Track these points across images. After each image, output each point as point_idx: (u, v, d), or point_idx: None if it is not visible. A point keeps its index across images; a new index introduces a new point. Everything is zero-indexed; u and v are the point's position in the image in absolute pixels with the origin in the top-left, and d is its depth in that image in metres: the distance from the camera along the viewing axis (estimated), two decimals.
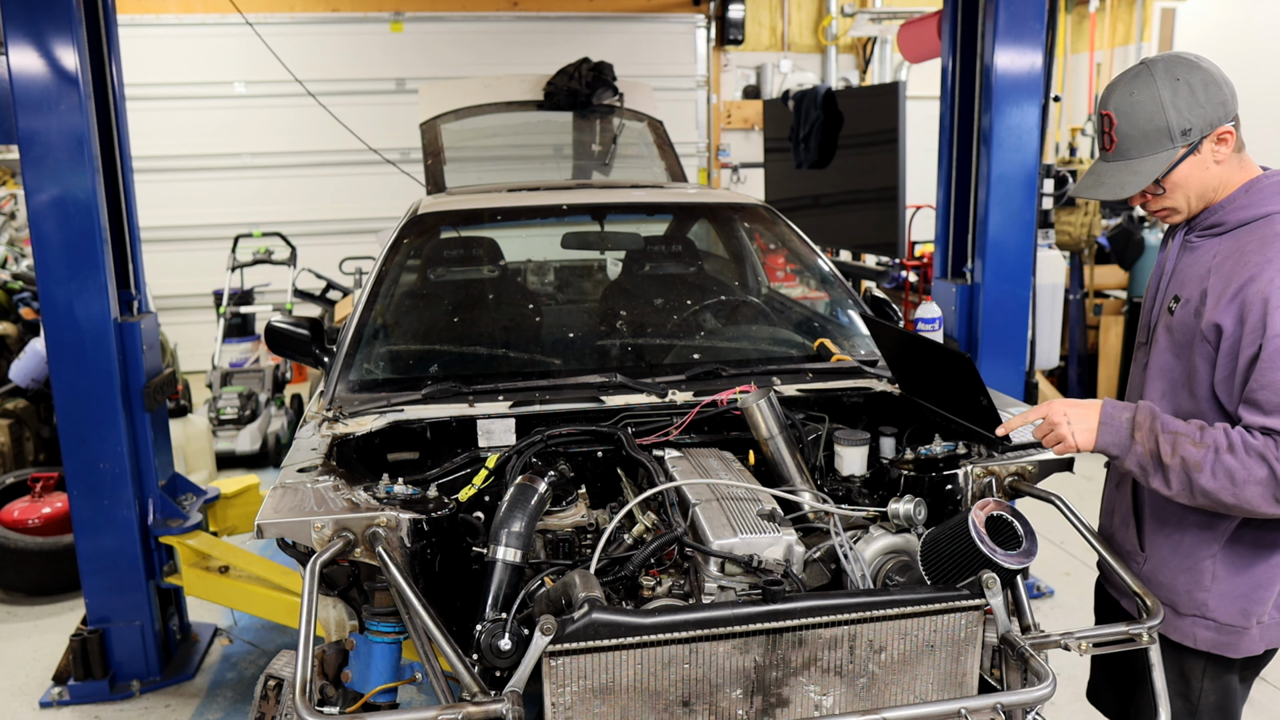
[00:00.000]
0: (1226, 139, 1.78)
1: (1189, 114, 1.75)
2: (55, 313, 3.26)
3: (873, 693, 1.74)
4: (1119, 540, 2.03)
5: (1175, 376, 1.85)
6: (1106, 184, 1.84)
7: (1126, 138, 1.81)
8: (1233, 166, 1.82)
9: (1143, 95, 1.78)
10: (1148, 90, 1.77)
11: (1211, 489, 1.68)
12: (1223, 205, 1.82)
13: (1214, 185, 1.82)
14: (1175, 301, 1.85)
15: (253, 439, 5.98)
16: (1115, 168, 1.84)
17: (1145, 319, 2.00)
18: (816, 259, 3.44)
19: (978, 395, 2.08)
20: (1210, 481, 1.68)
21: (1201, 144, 1.78)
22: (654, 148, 4.82)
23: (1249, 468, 1.65)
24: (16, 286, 5.69)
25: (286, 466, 2.11)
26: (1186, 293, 1.83)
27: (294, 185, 8.76)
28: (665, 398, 2.47)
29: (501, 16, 9.00)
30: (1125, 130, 1.80)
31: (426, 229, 3.52)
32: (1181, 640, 1.90)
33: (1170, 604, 1.90)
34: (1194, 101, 1.75)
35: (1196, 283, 1.81)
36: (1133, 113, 1.79)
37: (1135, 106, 1.79)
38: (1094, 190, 1.87)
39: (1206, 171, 1.80)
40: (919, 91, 7.33)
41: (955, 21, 4.14)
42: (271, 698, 2.19)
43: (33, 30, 3.11)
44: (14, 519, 4.28)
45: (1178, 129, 1.76)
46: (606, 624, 1.59)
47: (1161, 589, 1.91)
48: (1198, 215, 1.86)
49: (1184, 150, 1.78)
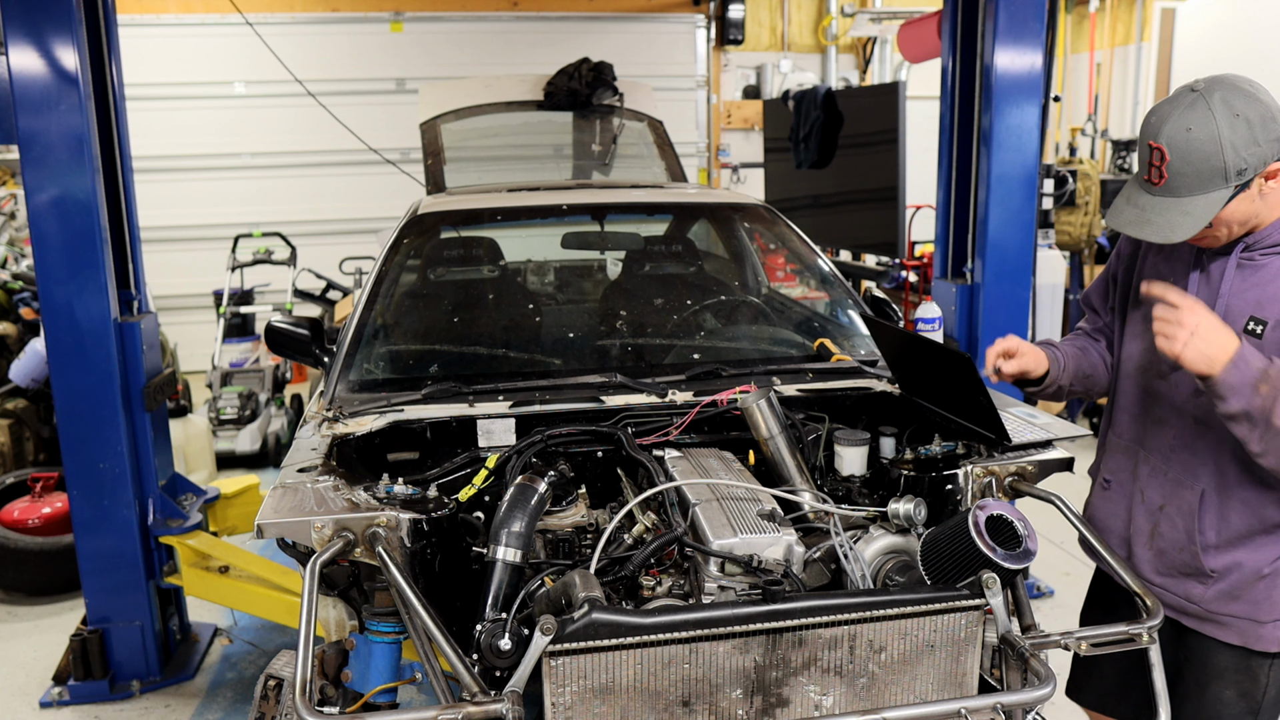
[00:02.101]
0: (1277, 174, 1.70)
1: (1245, 154, 1.66)
2: (55, 313, 3.26)
3: (873, 693, 1.74)
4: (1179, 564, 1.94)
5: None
6: (1155, 224, 1.73)
7: (1179, 175, 1.70)
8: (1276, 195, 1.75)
9: (1201, 132, 1.66)
10: (1206, 127, 1.66)
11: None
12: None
13: (1258, 213, 1.76)
14: (1257, 324, 1.75)
15: (253, 439, 5.98)
16: (1164, 205, 1.73)
17: None
18: (816, 259, 3.44)
19: (978, 395, 2.08)
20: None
21: (1252, 181, 1.69)
22: (654, 148, 4.82)
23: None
24: (16, 286, 5.69)
25: (286, 466, 2.10)
26: (1274, 313, 1.74)
27: (294, 185, 8.76)
28: (665, 398, 2.47)
29: (501, 16, 9.00)
30: (1178, 168, 1.69)
31: (426, 229, 3.52)
32: (1266, 648, 1.86)
33: (1249, 617, 1.86)
34: (1251, 140, 1.65)
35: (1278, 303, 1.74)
36: (1188, 150, 1.67)
37: (1191, 144, 1.67)
38: (1141, 229, 1.75)
39: (1253, 205, 1.73)
40: (919, 91, 7.33)
41: (955, 21, 4.14)
42: (271, 698, 2.19)
43: (33, 30, 3.11)
44: (14, 519, 4.28)
45: (1234, 169, 1.66)
46: (606, 624, 1.59)
47: (1238, 604, 1.86)
48: (1258, 233, 1.79)
49: (1235, 189, 1.69)
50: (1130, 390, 2.03)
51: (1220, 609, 1.88)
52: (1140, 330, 2.00)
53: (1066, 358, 2.13)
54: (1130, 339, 2.04)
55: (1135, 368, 2.02)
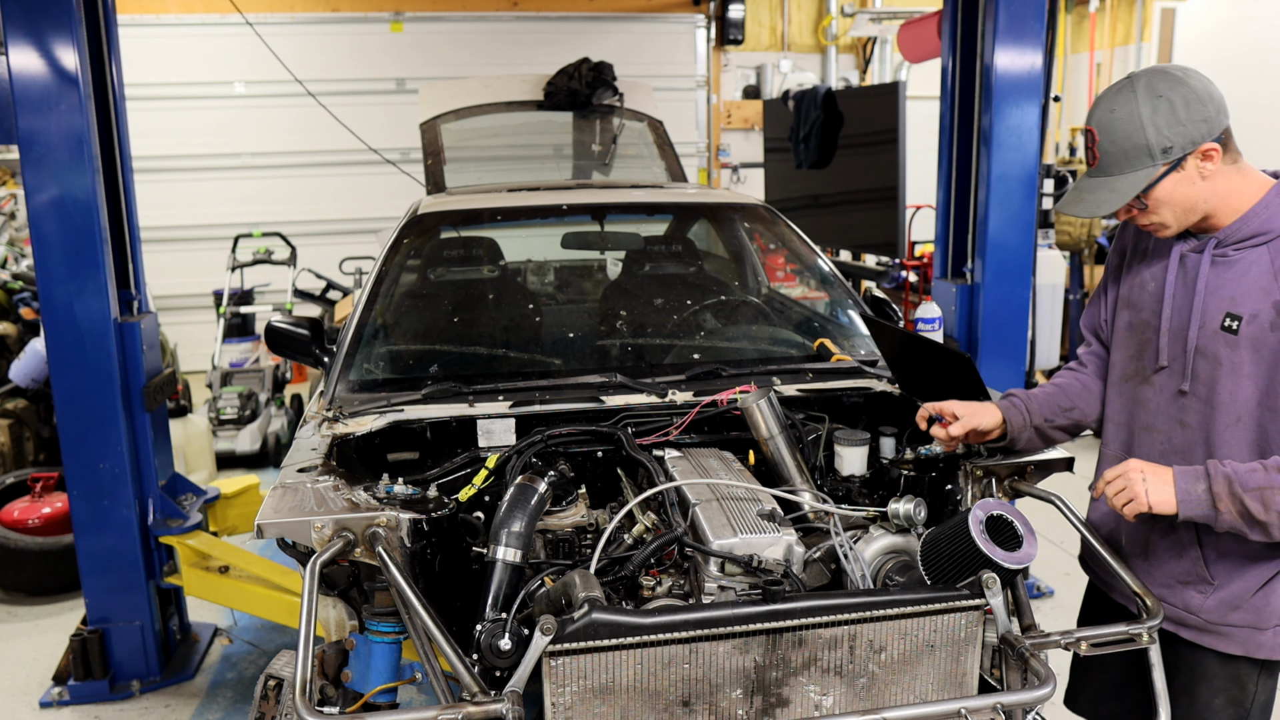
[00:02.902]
0: (1212, 155, 1.74)
1: (1169, 132, 1.72)
2: (55, 313, 3.26)
3: (873, 693, 1.74)
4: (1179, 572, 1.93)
5: (1248, 395, 1.77)
6: (1086, 201, 1.82)
7: (1108, 154, 1.78)
8: (1229, 178, 1.78)
9: (1123, 112, 1.75)
10: (1128, 107, 1.75)
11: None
12: (1257, 213, 1.77)
13: (1205, 198, 1.78)
14: (1233, 319, 1.77)
15: (253, 439, 5.98)
16: (1096, 183, 1.82)
17: (1166, 342, 1.87)
18: (816, 259, 3.44)
19: (978, 395, 2.08)
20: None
21: (1185, 161, 1.74)
22: (654, 148, 4.82)
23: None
24: (16, 286, 5.69)
25: (286, 466, 2.11)
26: (1249, 308, 1.75)
27: (294, 185, 8.76)
28: (665, 398, 2.47)
29: (501, 16, 9.00)
30: (1106, 147, 1.78)
31: (426, 229, 3.52)
32: (1270, 656, 1.85)
33: (1251, 625, 1.84)
34: (1174, 119, 1.72)
35: (1262, 295, 1.74)
36: (1113, 129, 1.77)
37: (1116, 123, 1.76)
38: (1074, 206, 1.84)
39: (1193, 187, 1.76)
40: (919, 91, 7.33)
41: (955, 21, 4.14)
42: (271, 698, 2.20)
43: (33, 30, 3.11)
44: (14, 519, 4.28)
45: (1157, 147, 1.73)
46: (606, 624, 1.59)
47: (1239, 612, 1.85)
48: (1225, 228, 1.80)
49: (1165, 168, 1.74)
50: (1116, 400, 2.03)
51: (1220, 619, 1.86)
52: (1124, 339, 1.99)
53: (1030, 400, 2.10)
54: (1115, 348, 2.03)
55: (1120, 376, 2.01)
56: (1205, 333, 1.82)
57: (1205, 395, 1.81)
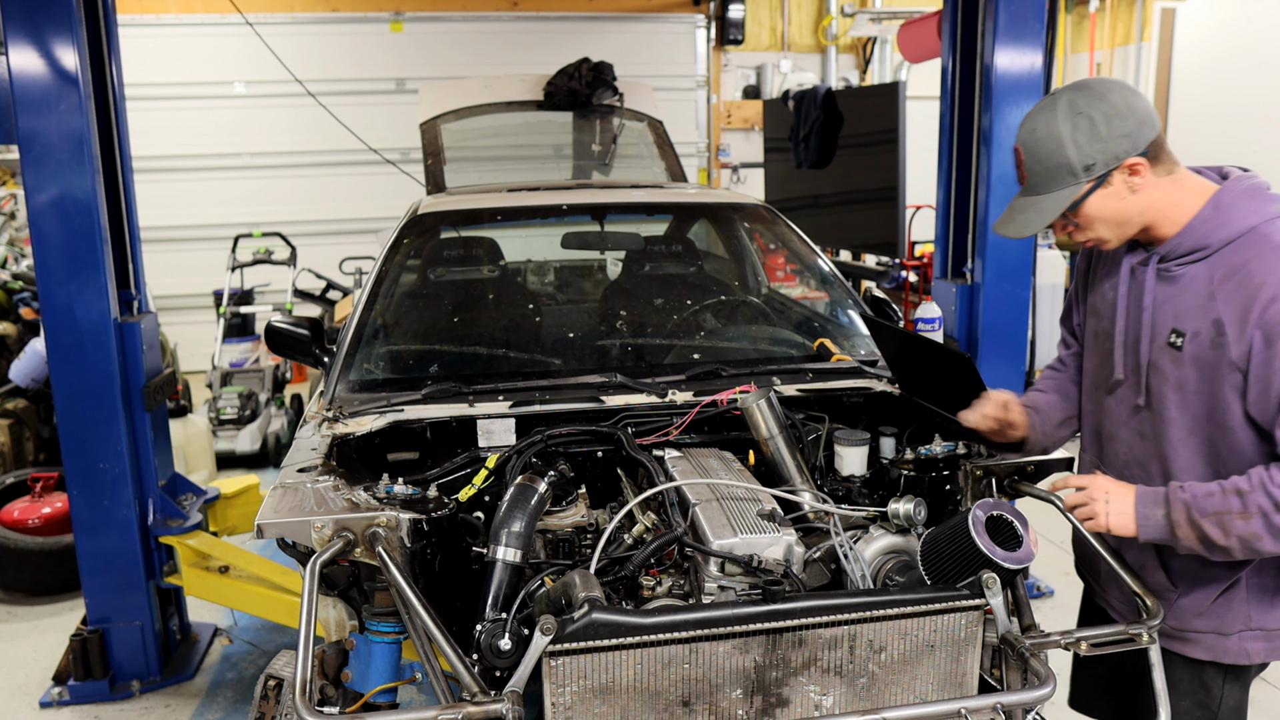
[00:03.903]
0: (1139, 169, 1.72)
1: (1090, 149, 1.70)
2: (55, 313, 3.26)
3: (873, 693, 1.74)
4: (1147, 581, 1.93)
5: (1198, 411, 1.76)
6: (1016, 220, 1.81)
7: (1034, 173, 1.77)
8: (1163, 189, 1.75)
9: (1044, 131, 1.74)
10: (1049, 126, 1.73)
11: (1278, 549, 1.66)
12: (1194, 228, 1.73)
13: (1139, 211, 1.76)
14: (1178, 335, 1.75)
15: (253, 439, 5.98)
16: (1026, 202, 1.80)
17: (1121, 355, 1.86)
18: (816, 259, 3.44)
19: (978, 395, 2.08)
20: (1275, 545, 1.65)
21: (1110, 176, 1.72)
22: (654, 148, 4.82)
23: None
24: (16, 286, 5.69)
25: (286, 466, 2.11)
26: (1191, 325, 1.73)
27: (294, 185, 8.76)
28: (665, 398, 2.47)
29: (501, 16, 9.00)
30: (1031, 166, 1.77)
31: (426, 229, 3.52)
32: (1235, 660, 1.85)
33: (1215, 631, 1.84)
34: (1095, 136, 1.69)
35: (1200, 313, 1.72)
36: (1036, 149, 1.75)
37: (1038, 143, 1.75)
38: (1005, 226, 1.83)
39: (1123, 202, 1.74)
40: (919, 91, 7.33)
41: (955, 21, 4.14)
42: (271, 698, 2.20)
43: (33, 30, 3.11)
44: (14, 519, 4.28)
45: (1079, 164, 1.71)
46: (606, 624, 1.59)
47: (1203, 618, 1.85)
48: (1166, 243, 1.78)
49: (1090, 185, 1.72)
50: (1088, 406, 2.03)
51: (1187, 625, 1.87)
52: (1091, 346, 1.99)
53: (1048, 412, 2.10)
54: (1085, 355, 2.03)
55: (1090, 384, 2.01)
56: (1155, 348, 1.81)
57: (1158, 409, 1.81)
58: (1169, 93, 8.42)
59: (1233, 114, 7.55)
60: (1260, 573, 1.81)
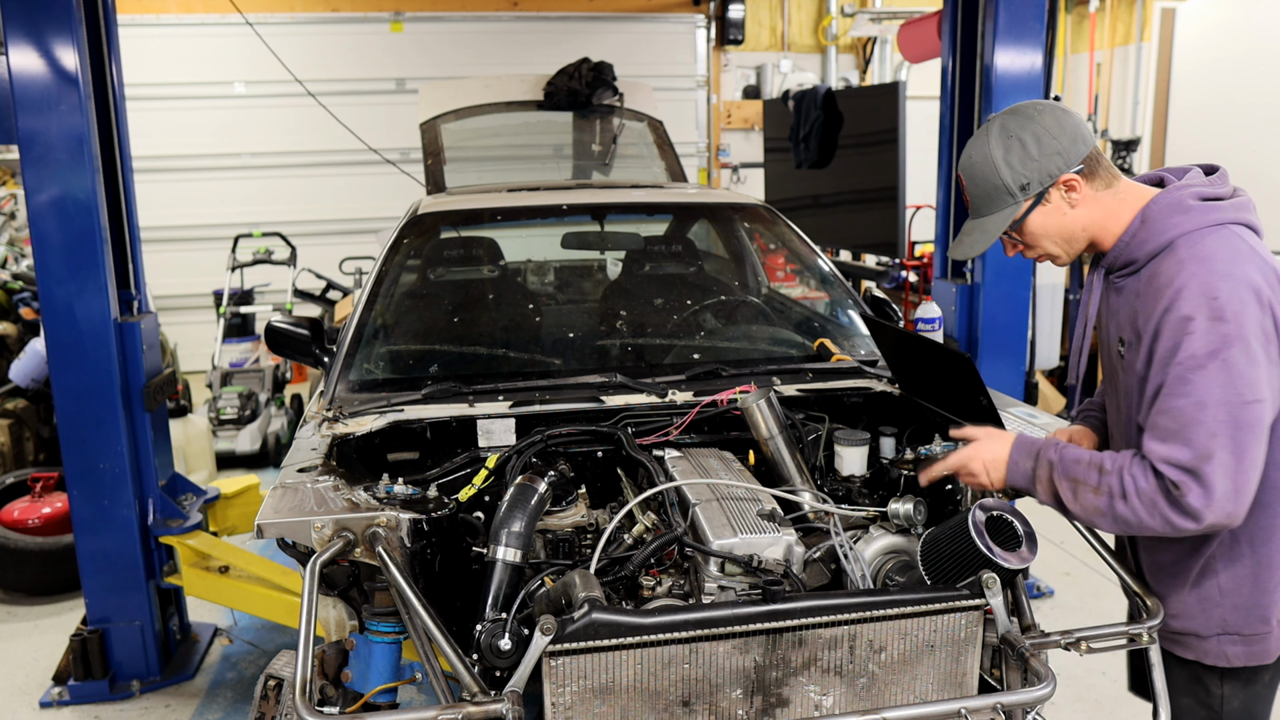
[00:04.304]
0: (1075, 185, 1.77)
1: (1023, 170, 1.76)
2: (55, 313, 3.26)
3: (873, 693, 1.74)
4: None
5: (1130, 414, 1.83)
6: (965, 242, 1.88)
7: (975, 197, 1.84)
8: (1103, 203, 1.79)
9: (979, 156, 1.81)
10: (983, 151, 1.80)
11: (1115, 529, 1.71)
12: (1125, 243, 1.78)
13: (1082, 226, 1.81)
14: (1122, 344, 1.83)
15: (253, 439, 5.98)
16: (972, 225, 1.87)
17: (1103, 359, 1.96)
18: (816, 259, 3.44)
19: (978, 395, 2.08)
20: (1112, 525, 1.70)
21: (1048, 194, 1.78)
22: (654, 148, 4.82)
23: (1140, 516, 1.64)
24: (16, 286, 5.69)
25: (286, 466, 2.11)
26: (1127, 335, 1.81)
27: (294, 185, 8.76)
28: (665, 398, 2.47)
29: (501, 16, 9.00)
30: (972, 190, 1.84)
31: (426, 229, 3.52)
32: (1216, 662, 1.85)
33: (1191, 632, 1.85)
34: (1026, 157, 1.76)
35: (1131, 325, 1.79)
36: (973, 173, 1.82)
37: (974, 168, 1.82)
38: (956, 248, 1.90)
39: (1065, 217, 1.80)
40: (919, 91, 7.33)
41: (955, 21, 4.14)
42: (271, 698, 2.19)
43: (33, 30, 3.11)
44: (14, 519, 4.28)
45: (1014, 185, 1.77)
46: (606, 624, 1.59)
47: (1179, 619, 1.86)
48: (1107, 255, 1.83)
49: (1029, 203, 1.78)
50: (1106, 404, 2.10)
51: (1169, 625, 1.87)
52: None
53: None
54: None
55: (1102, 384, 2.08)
56: (1112, 356, 1.89)
57: (1126, 410, 1.86)
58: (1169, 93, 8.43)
59: (1233, 114, 7.55)
60: (1235, 578, 1.81)
